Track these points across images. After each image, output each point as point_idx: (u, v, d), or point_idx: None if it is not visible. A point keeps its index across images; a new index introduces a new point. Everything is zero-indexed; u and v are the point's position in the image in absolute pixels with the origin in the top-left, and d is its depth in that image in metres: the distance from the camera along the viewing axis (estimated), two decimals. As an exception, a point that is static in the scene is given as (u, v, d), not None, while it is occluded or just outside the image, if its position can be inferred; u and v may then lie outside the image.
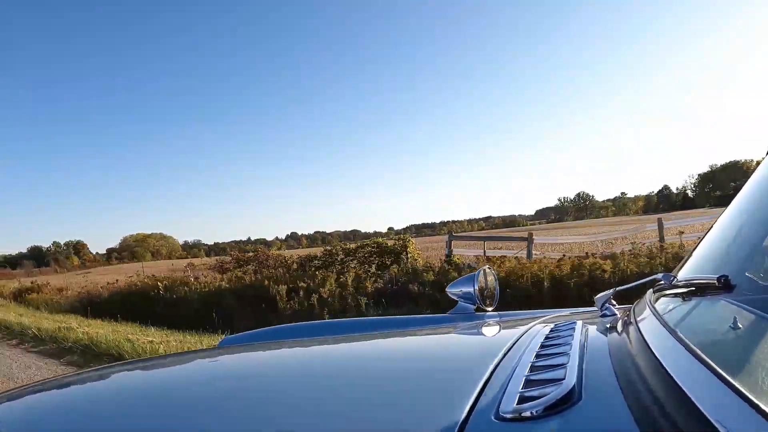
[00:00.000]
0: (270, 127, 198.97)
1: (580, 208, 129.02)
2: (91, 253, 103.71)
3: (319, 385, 0.76)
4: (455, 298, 1.32)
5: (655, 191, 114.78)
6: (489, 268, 1.39)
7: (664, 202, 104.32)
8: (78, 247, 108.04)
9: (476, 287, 1.27)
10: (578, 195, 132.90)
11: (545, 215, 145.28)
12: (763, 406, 0.35)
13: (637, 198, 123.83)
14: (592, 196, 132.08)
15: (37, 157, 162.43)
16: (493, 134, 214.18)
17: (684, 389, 0.44)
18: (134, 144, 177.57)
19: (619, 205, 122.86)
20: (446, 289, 1.35)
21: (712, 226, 0.89)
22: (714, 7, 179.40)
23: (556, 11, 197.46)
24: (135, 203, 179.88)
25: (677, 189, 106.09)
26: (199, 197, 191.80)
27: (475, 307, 1.28)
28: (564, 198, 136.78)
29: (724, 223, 0.86)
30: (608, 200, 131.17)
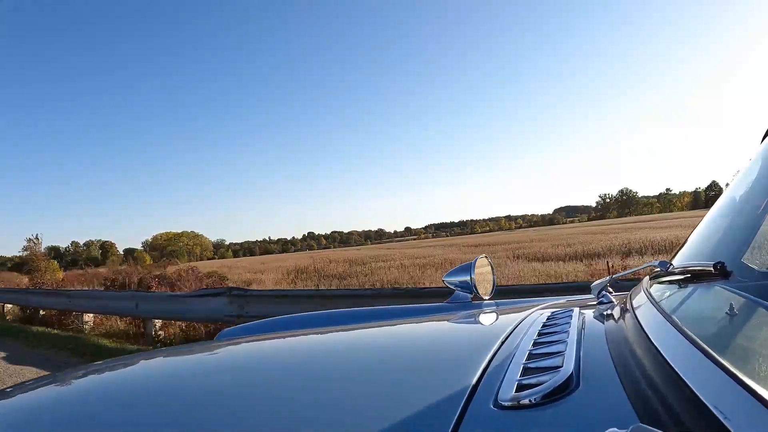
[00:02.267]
0: (273, 127, 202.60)
1: (623, 204, 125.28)
2: (118, 252, 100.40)
3: (317, 375, 0.76)
4: (452, 287, 1.31)
5: (703, 187, 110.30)
6: (485, 257, 1.34)
7: (713, 198, 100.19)
8: (105, 247, 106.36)
9: (473, 276, 1.25)
10: (621, 191, 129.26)
11: (569, 213, 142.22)
12: (759, 391, 0.35)
13: (683, 194, 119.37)
14: (636, 193, 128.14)
15: (39, 157, 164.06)
16: (497, 135, 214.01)
17: (681, 375, 0.44)
18: (138, 144, 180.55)
19: (664, 202, 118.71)
20: (443, 278, 1.32)
21: (708, 213, 0.89)
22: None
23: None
24: (139, 204, 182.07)
25: (727, 185, 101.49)
26: (208, 198, 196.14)
27: (472, 295, 1.27)
28: (605, 194, 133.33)
29: (721, 210, 0.86)
30: (652, 196, 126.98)
